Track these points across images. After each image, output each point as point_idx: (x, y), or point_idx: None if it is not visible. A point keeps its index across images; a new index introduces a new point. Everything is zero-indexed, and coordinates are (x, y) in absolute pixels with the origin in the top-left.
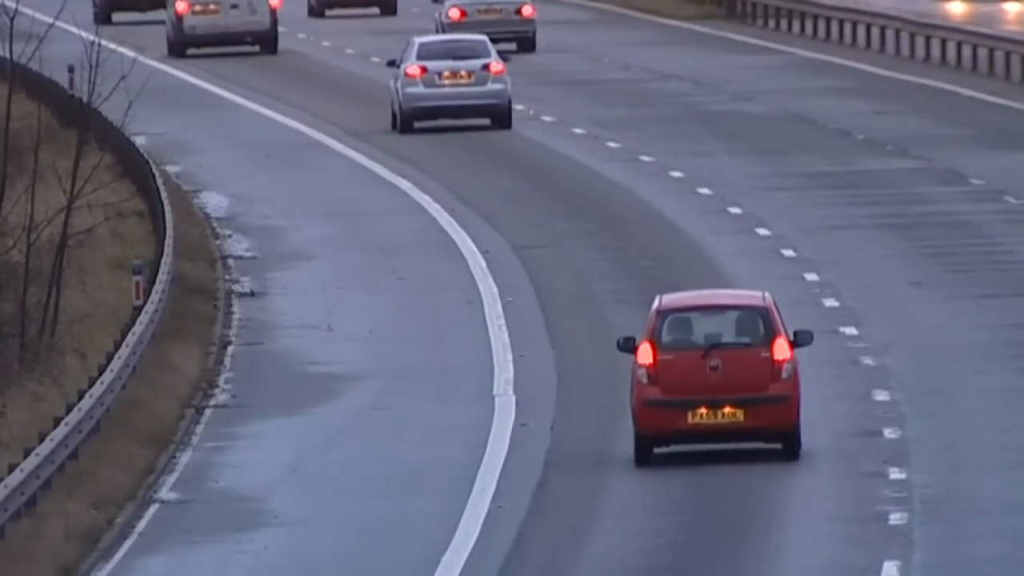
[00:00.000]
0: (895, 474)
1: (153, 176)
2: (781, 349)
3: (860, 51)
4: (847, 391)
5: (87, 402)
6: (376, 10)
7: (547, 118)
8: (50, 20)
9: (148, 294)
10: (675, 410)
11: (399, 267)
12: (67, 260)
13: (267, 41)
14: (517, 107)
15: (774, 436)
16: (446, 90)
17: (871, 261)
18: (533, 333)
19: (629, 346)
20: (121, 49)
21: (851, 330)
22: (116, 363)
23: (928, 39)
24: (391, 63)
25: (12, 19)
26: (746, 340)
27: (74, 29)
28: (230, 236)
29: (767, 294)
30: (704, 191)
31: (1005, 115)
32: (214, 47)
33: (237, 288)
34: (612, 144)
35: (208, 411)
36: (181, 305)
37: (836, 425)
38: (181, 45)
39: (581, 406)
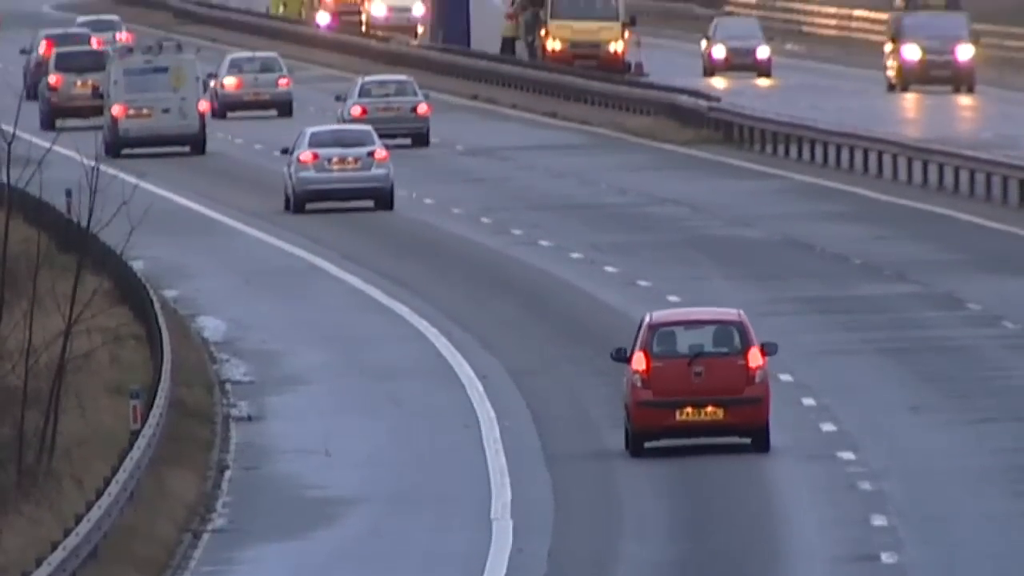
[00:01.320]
0: None
1: (151, 301)
2: (755, 357)
3: (858, 176)
4: (844, 516)
5: (84, 527)
6: (274, 111)
7: (544, 242)
8: (47, 144)
9: (146, 418)
10: (665, 409)
11: (397, 392)
12: (65, 385)
13: (196, 143)
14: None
15: (748, 432)
16: (335, 174)
17: (869, 386)
18: (530, 457)
19: (622, 356)
20: (121, 175)
21: (848, 455)
22: (114, 488)
23: (926, 164)
24: (284, 151)
25: (9, 144)
26: (724, 350)
27: (73, 154)
28: (228, 360)
29: (741, 311)
30: None
31: (1003, 240)
32: (147, 148)
33: (235, 412)
34: (609, 269)
35: (206, 536)
36: (179, 429)
37: (833, 550)
38: (116, 146)
39: (578, 531)
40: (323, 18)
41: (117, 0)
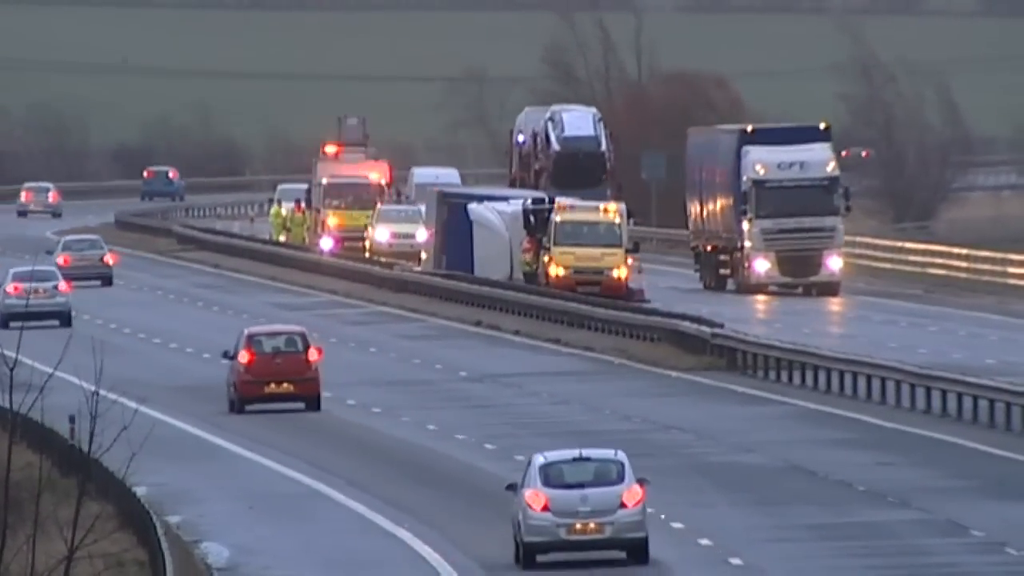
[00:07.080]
0: None
1: (154, 526)
2: (312, 354)
3: (861, 402)
4: None
5: None
6: None
7: None
8: (49, 370)
9: None
10: (259, 385)
11: None
12: None
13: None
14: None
15: (306, 398)
16: (31, 301)
17: None
18: None
19: (229, 355)
20: (122, 400)
21: None
22: None
23: (929, 390)
24: None
25: (12, 369)
26: (293, 349)
27: (74, 379)
28: None
29: (304, 328)
30: (705, 542)
31: (1006, 466)
32: None
33: None
34: None
35: None
36: None
37: None
38: None
39: None
40: (326, 243)
41: (120, 227)
